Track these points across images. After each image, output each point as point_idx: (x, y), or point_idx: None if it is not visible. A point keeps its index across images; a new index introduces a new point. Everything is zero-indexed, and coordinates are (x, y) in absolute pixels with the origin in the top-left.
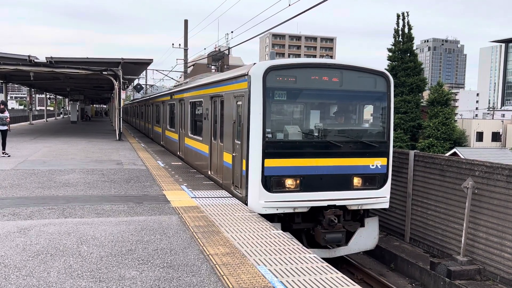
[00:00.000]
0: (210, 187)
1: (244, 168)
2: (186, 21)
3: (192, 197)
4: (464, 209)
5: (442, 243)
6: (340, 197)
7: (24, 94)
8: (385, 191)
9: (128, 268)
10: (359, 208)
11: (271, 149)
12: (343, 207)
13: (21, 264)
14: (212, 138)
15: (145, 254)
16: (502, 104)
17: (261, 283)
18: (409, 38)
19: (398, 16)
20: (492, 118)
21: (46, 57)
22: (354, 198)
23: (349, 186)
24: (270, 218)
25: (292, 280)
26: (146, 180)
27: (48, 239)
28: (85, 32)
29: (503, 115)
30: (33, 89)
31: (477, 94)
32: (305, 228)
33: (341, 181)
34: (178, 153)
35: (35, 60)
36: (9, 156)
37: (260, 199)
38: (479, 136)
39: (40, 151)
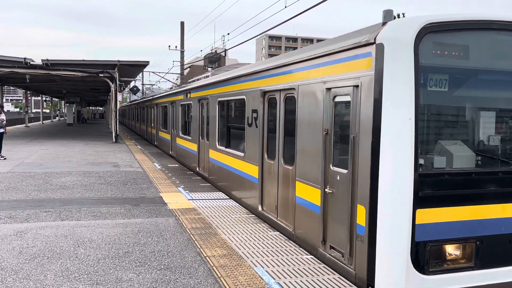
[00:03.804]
0: (207, 189)
1: (361, 221)
2: (182, 23)
3: (189, 199)
4: None
5: None
6: None
7: (20, 96)
8: None
9: (125, 271)
10: None
11: (428, 188)
12: None
13: (17, 267)
14: (265, 156)
15: (142, 256)
16: None
17: (258, 285)
18: None
19: (394, 17)
20: None
21: (42, 59)
22: None
23: None
24: None
25: (290, 282)
26: (143, 182)
27: (45, 242)
28: (82, 34)
29: None
30: (29, 92)
31: None
32: None
33: None
34: (198, 169)
35: (31, 63)
36: (5, 159)
37: (408, 286)
38: None
39: (36, 154)
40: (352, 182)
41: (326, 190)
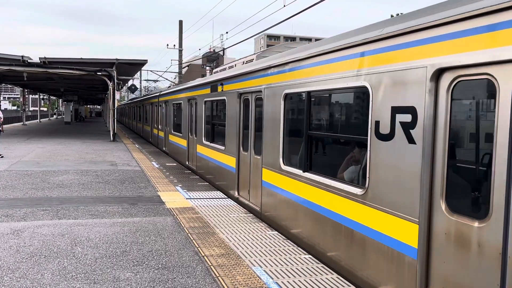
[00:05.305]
0: (205, 188)
1: None
2: (180, 22)
3: (187, 198)
4: None
5: None
6: None
7: (17, 94)
8: None
9: (122, 270)
10: None
11: None
12: None
13: (14, 266)
14: (442, 204)
15: (140, 255)
16: None
17: (257, 284)
18: None
19: (392, 17)
20: None
21: (39, 58)
22: None
23: None
24: None
25: (288, 281)
26: (140, 181)
27: (42, 241)
28: (81, 32)
29: None
30: (26, 90)
31: None
32: None
33: None
34: (237, 193)
35: (29, 61)
36: (2, 157)
37: None
38: None
39: (33, 152)
40: None
41: None
